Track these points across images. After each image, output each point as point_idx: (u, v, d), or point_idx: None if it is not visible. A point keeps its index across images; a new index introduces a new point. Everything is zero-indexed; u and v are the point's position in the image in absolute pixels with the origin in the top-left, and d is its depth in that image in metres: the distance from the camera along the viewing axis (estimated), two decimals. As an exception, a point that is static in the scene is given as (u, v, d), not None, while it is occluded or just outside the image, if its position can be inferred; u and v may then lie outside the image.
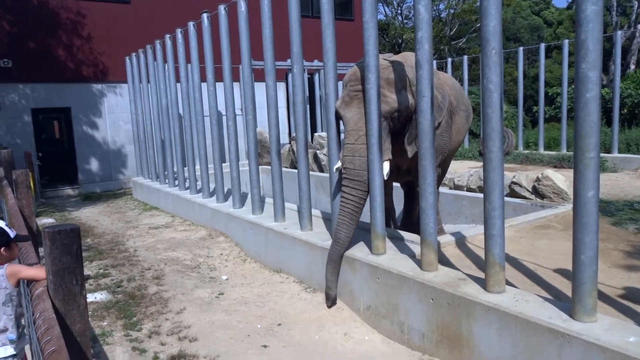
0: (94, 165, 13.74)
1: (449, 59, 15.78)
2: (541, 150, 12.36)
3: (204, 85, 7.71)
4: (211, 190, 8.26)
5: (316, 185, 9.59)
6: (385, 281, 4.12)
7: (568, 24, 31.47)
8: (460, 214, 7.11)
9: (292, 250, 5.45)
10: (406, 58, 4.74)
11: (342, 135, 4.66)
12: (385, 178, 4.41)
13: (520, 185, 6.63)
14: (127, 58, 11.44)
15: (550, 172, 6.36)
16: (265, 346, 4.00)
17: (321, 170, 10.74)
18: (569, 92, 14.43)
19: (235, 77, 8.07)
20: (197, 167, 8.97)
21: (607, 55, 19.83)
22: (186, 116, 8.88)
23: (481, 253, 4.21)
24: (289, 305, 4.77)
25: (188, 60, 8.30)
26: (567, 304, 3.11)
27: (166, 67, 9.52)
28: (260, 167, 7.78)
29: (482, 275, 3.64)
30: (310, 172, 6.24)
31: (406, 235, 4.92)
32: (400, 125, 4.64)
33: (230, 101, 7.05)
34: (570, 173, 3.45)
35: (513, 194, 6.66)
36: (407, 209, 6.21)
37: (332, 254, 4.60)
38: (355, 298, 4.50)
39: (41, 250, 2.61)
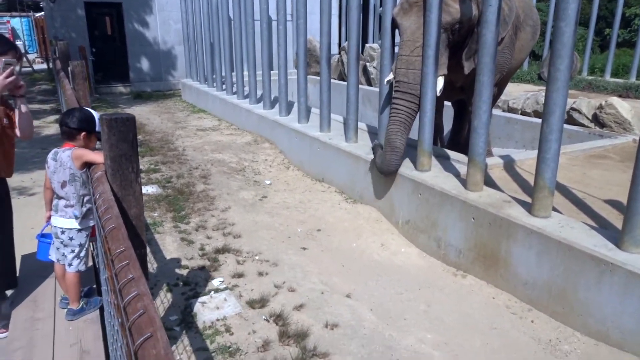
0: (145, 64, 13.88)
1: (519, -30, 14.41)
2: (607, 77, 11.48)
3: (255, -15, 7.42)
4: (258, 96, 8.25)
5: (363, 99, 9.40)
6: (427, 197, 4.12)
7: None
8: (510, 138, 6.87)
9: (335, 161, 5.48)
10: (474, -38, 4.35)
11: (397, 48, 4.45)
12: (438, 94, 4.25)
13: (580, 112, 6.27)
14: (178, -48, 11.06)
15: (615, 100, 5.96)
16: (304, 248, 4.18)
17: (369, 83, 10.46)
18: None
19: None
20: (245, 72, 8.89)
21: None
22: (236, 19, 8.67)
23: (529, 178, 4.10)
24: (329, 213, 4.89)
25: (240, -43, 7.93)
26: (614, 234, 3.04)
27: (217, -36, 9.16)
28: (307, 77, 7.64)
29: (527, 199, 3.57)
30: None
31: (452, 154, 4.83)
32: (460, 39, 4.37)
33: (281, 4, 6.79)
34: (636, 103, 3.20)
35: (571, 120, 6.32)
36: (456, 128, 6.03)
37: (390, 164, 4.34)
38: (394, 211, 4.55)
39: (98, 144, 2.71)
